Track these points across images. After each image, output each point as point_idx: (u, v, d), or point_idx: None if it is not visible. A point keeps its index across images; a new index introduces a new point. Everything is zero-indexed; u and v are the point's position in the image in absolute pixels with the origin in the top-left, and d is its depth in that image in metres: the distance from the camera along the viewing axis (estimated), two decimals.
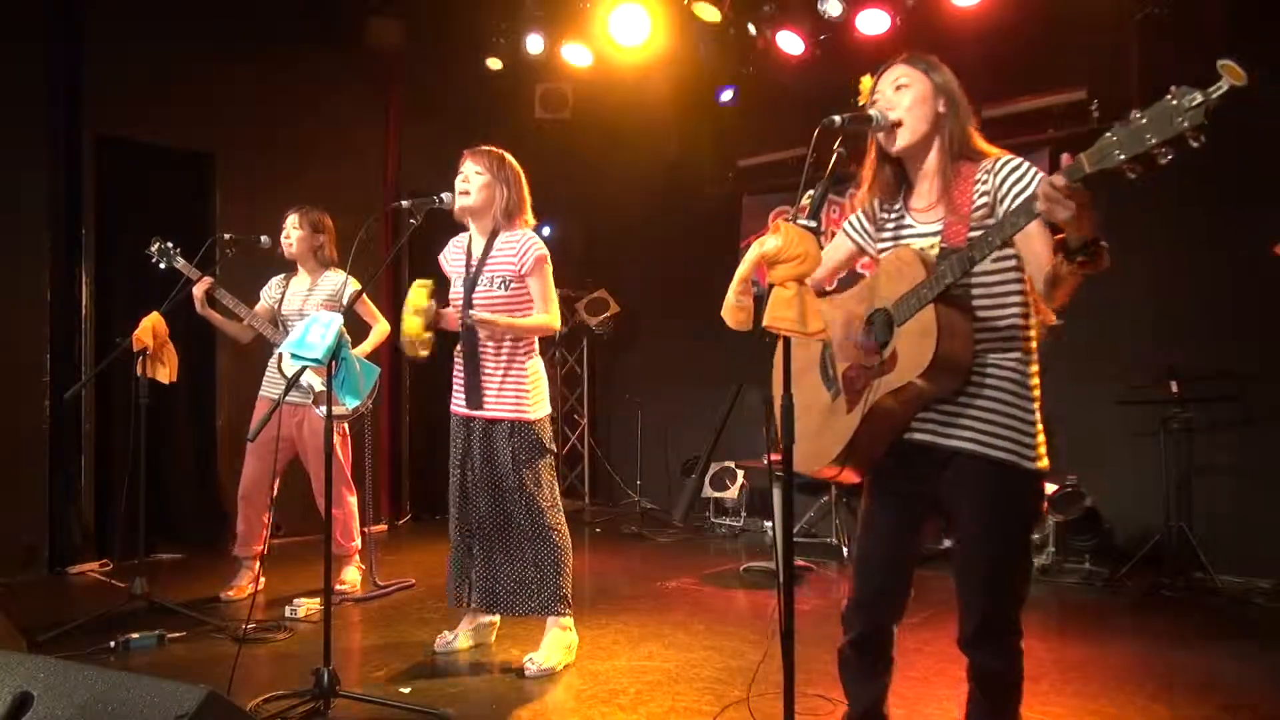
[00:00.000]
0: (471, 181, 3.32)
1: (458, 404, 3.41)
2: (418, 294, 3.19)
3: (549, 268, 3.34)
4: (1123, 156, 1.52)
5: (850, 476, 2.12)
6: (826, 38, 5.74)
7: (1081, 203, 1.61)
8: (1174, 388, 4.53)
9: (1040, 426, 1.95)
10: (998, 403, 1.93)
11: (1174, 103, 1.46)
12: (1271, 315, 4.54)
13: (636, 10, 5.85)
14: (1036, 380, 1.97)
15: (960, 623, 2.01)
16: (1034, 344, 1.97)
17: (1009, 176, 1.92)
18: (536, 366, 3.39)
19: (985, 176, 1.96)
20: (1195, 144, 1.45)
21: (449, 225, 3.53)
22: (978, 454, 1.93)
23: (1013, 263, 1.94)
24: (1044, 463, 1.95)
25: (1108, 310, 4.58)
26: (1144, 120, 1.50)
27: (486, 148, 3.39)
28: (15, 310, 4.95)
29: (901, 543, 2.10)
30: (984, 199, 1.95)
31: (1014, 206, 1.81)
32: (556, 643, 3.31)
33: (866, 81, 2.10)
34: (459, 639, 3.51)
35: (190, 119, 5.58)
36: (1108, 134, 1.55)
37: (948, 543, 2.05)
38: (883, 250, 2.12)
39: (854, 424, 1.98)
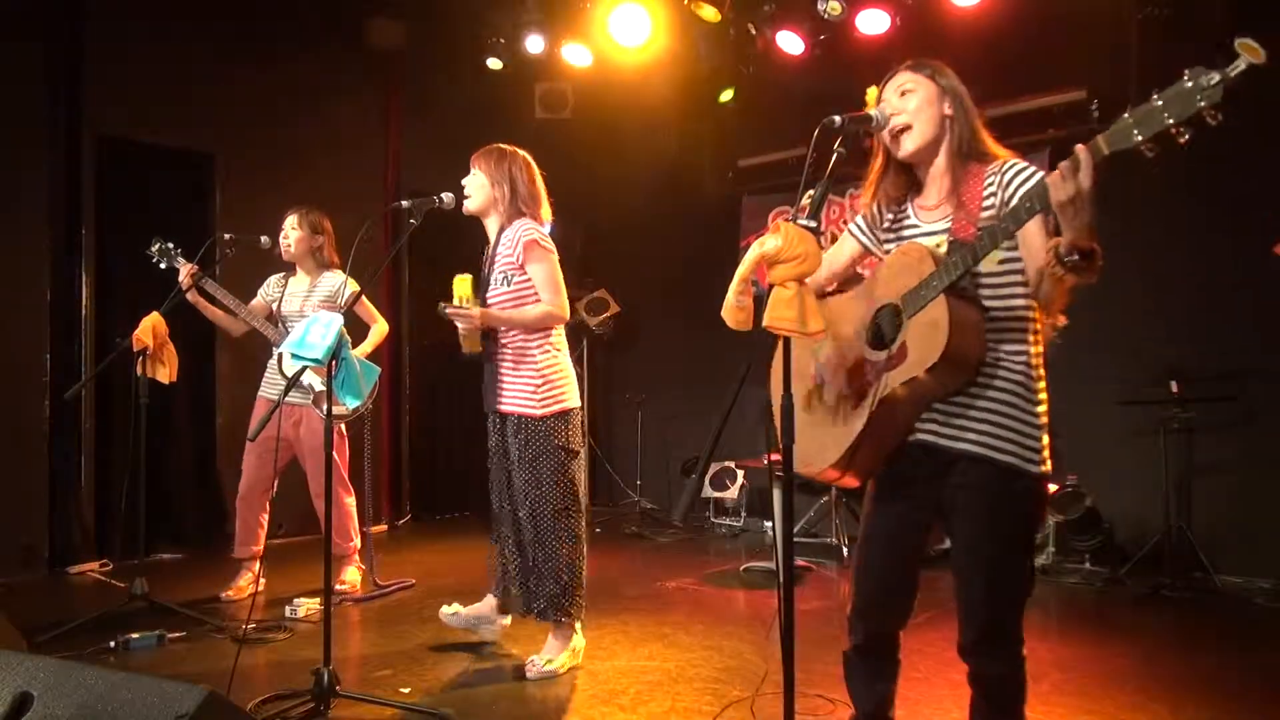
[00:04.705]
0: (469, 186, 3.34)
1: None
2: (461, 285, 3.19)
3: (548, 253, 3.26)
4: (1140, 136, 1.53)
5: (851, 481, 2.09)
6: (826, 38, 5.74)
7: (1088, 190, 1.61)
8: (1174, 388, 4.53)
9: (1045, 428, 1.93)
10: (1003, 404, 1.91)
11: (1190, 83, 1.47)
12: (1271, 315, 4.54)
13: (636, 10, 5.85)
14: (1043, 383, 1.95)
15: (960, 629, 1.98)
16: (1040, 344, 1.96)
17: (1015, 179, 1.92)
18: (551, 361, 3.29)
19: (994, 179, 1.96)
20: (1213, 123, 1.46)
21: (449, 225, 3.53)
22: (982, 457, 1.90)
23: (1018, 264, 1.93)
24: (1047, 466, 1.93)
25: (1108, 310, 4.58)
26: (1161, 102, 1.50)
27: (492, 146, 3.38)
28: (15, 310, 4.95)
29: (904, 547, 2.07)
30: (991, 199, 1.94)
31: (1026, 192, 1.79)
32: (561, 645, 3.28)
33: (872, 92, 2.09)
34: (462, 618, 3.53)
35: (190, 119, 5.58)
36: (1125, 116, 1.55)
37: (949, 543, 2.03)
38: (889, 250, 2.11)
39: (860, 423, 1.95)
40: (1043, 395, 1.94)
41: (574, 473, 3.30)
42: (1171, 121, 1.49)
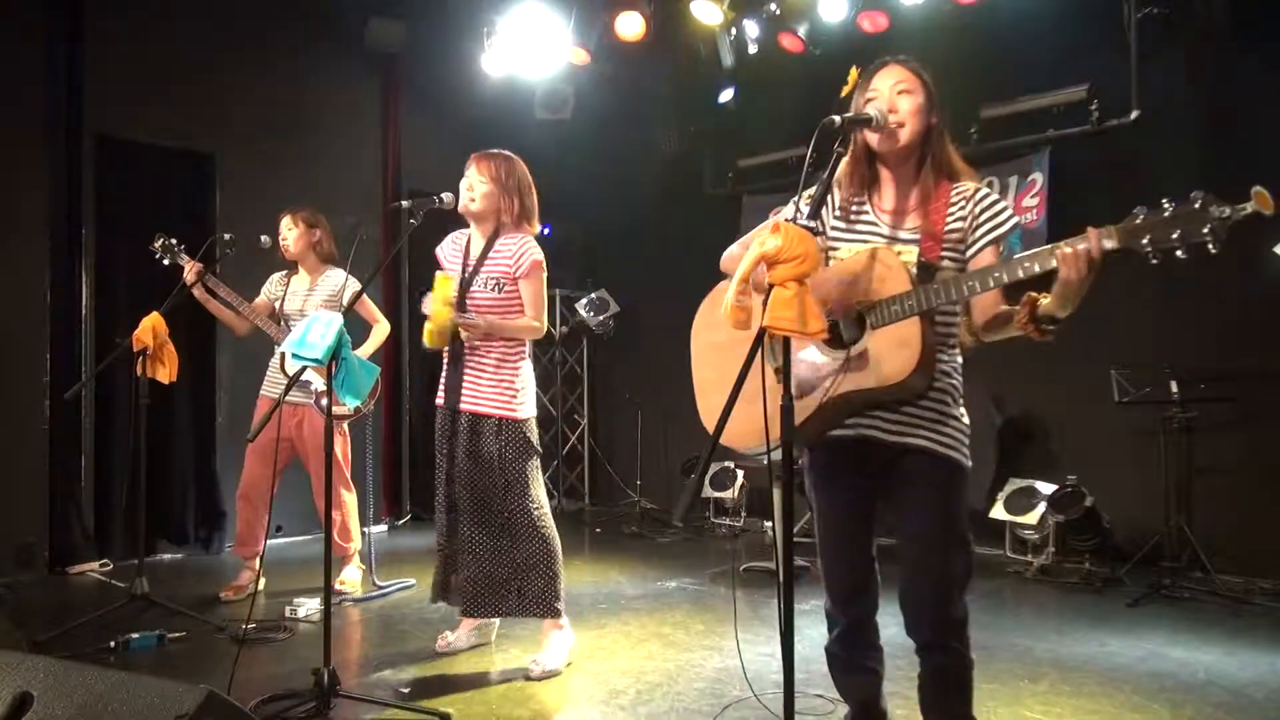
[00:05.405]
0: (475, 189, 3.32)
1: (441, 398, 3.40)
2: (445, 284, 3.22)
3: (544, 274, 3.37)
4: (1148, 246, 1.65)
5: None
6: (826, 38, 5.73)
7: (1092, 276, 1.70)
8: (1174, 388, 4.53)
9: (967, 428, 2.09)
10: (942, 405, 2.03)
11: (1199, 209, 1.60)
12: (1271, 315, 4.54)
13: (636, 10, 5.84)
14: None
15: (914, 628, 2.08)
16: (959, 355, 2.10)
17: (985, 211, 2.00)
18: (527, 369, 3.40)
19: (962, 202, 2.02)
20: (1214, 250, 1.60)
21: (449, 225, 3.53)
22: (929, 450, 2.01)
23: None
24: (969, 462, 2.07)
25: (1108, 310, 4.57)
26: (1169, 217, 1.62)
27: (495, 152, 3.38)
28: (15, 310, 4.96)
29: (860, 543, 2.18)
30: (958, 223, 2.00)
31: (1033, 252, 1.80)
32: (559, 644, 3.31)
33: (854, 74, 2.11)
34: (460, 639, 3.51)
35: (190, 119, 5.58)
36: (1137, 215, 1.67)
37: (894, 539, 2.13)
38: (834, 237, 2.13)
39: (802, 416, 1.97)
40: (962, 399, 2.09)
41: (540, 473, 3.42)
42: (1176, 239, 1.61)
